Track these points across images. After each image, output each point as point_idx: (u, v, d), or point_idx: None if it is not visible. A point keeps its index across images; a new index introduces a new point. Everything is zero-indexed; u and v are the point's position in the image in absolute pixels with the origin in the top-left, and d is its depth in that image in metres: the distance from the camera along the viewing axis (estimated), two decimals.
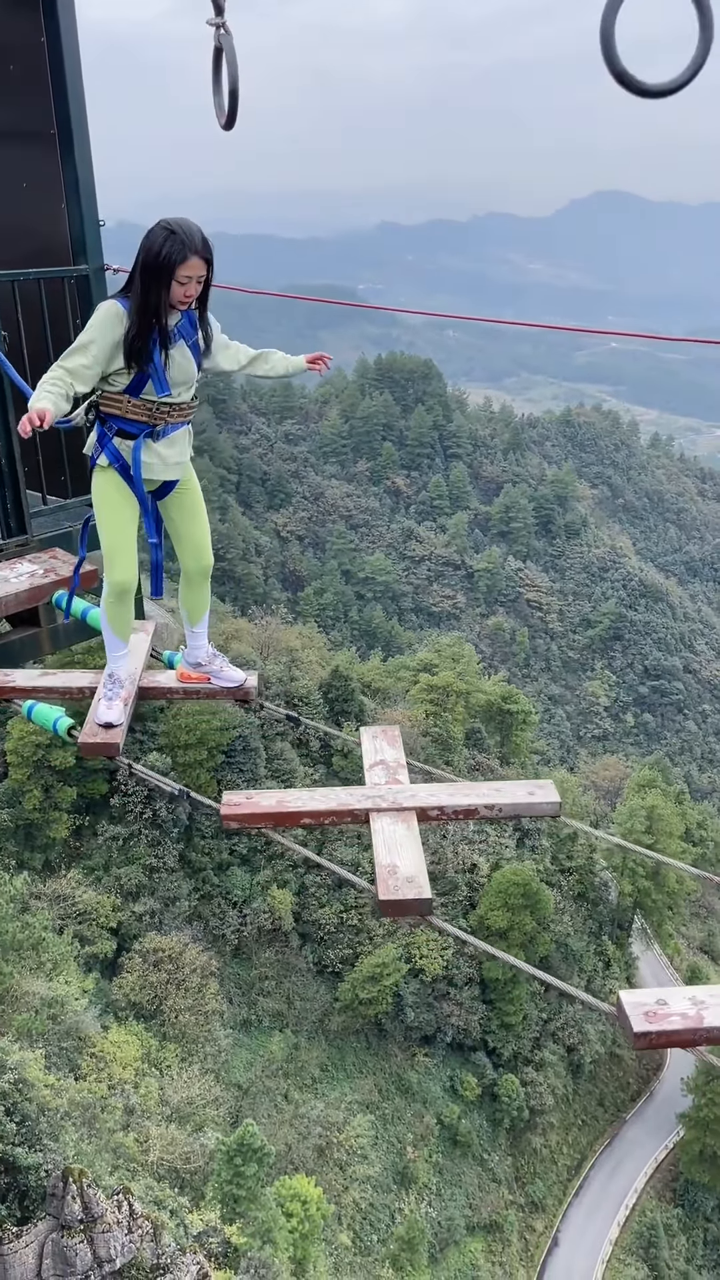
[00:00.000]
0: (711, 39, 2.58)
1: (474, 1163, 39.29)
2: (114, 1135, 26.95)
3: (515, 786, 3.82)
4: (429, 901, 3.28)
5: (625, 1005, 2.71)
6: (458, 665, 59.27)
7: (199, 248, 3.86)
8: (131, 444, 4.20)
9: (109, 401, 4.15)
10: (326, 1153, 34.78)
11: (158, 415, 4.16)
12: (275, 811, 3.71)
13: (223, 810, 3.72)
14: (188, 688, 4.75)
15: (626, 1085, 46.82)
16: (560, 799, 3.76)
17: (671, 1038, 2.62)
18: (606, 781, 68.20)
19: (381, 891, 3.28)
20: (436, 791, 3.82)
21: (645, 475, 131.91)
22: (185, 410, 4.28)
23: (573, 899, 47.47)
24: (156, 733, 38.67)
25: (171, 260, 3.82)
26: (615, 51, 2.58)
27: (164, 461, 4.29)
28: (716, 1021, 2.62)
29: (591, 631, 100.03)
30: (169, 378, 4.08)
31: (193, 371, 4.20)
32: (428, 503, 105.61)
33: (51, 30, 5.26)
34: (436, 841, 43.38)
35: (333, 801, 3.79)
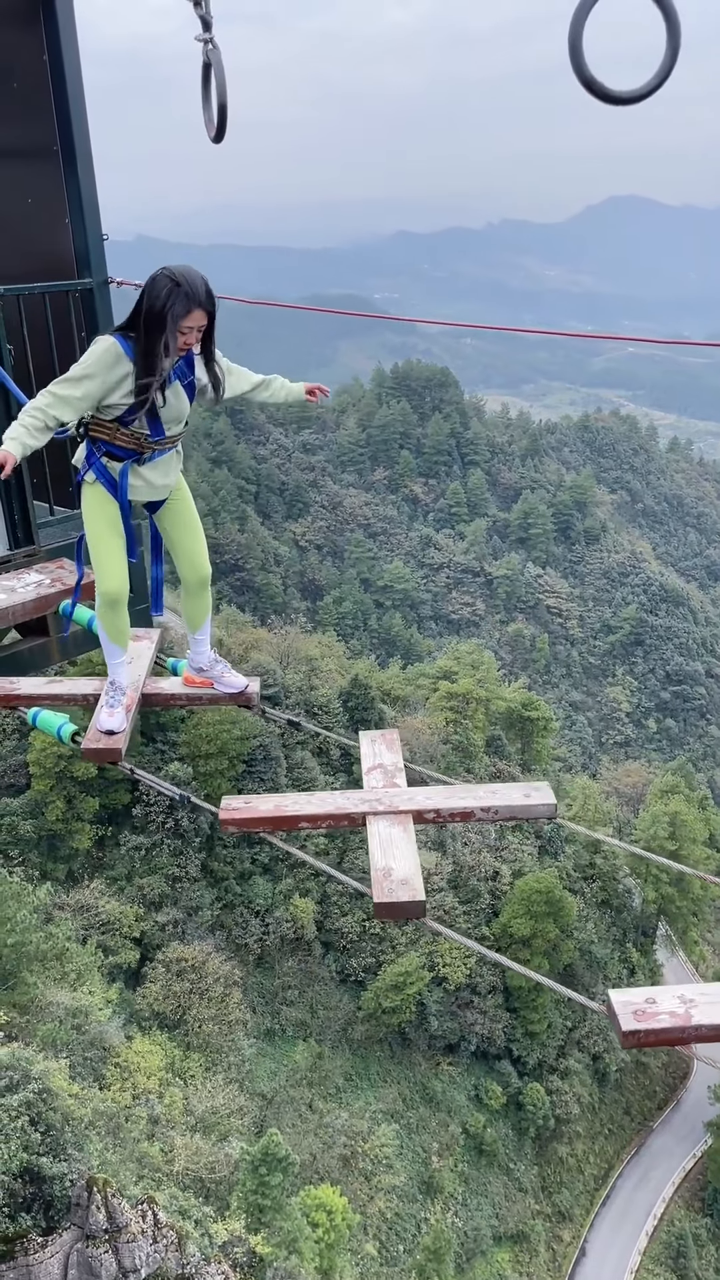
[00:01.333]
0: (678, 49, 2.64)
1: (500, 1172, 39.08)
2: (139, 1145, 26.99)
3: (511, 789, 3.83)
4: (423, 904, 3.30)
5: (614, 1004, 2.72)
6: (477, 672, 59.17)
7: (202, 300, 3.88)
8: (119, 466, 4.24)
9: (98, 427, 4.19)
10: (351, 1162, 34.69)
11: (145, 445, 4.20)
12: (273, 816, 3.74)
13: (221, 815, 3.75)
14: (191, 694, 4.79)
15: (653, 1093, 46.46)
16: (555, 801, 3.76)
17: (660, 1036, 2.62)
18: (629, 788, 67.80)
19: (376, 894, 3.31)
20: (433, 794, 3.83)
21: (664, 480, 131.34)
22: (174, 439, 4.33)
23: (596, 906, 47.24)
24: (177, 742, 38.82)
25: (174, 313, 3.84)
26: (583, 59, 2.64)
27: (150, 485, 4.35)
28: (705, 1020, 2.63)
29: (612, 637, 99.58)
30: (164, 421, 4.15)
31: (185, 410, 4.24)
32: (446, 510, 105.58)
33: (53, 48, 5.34)
34: (458, 849, 43.33)
35: (330, 805, 3.81)
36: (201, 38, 3.44)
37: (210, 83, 3.59)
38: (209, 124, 3.68)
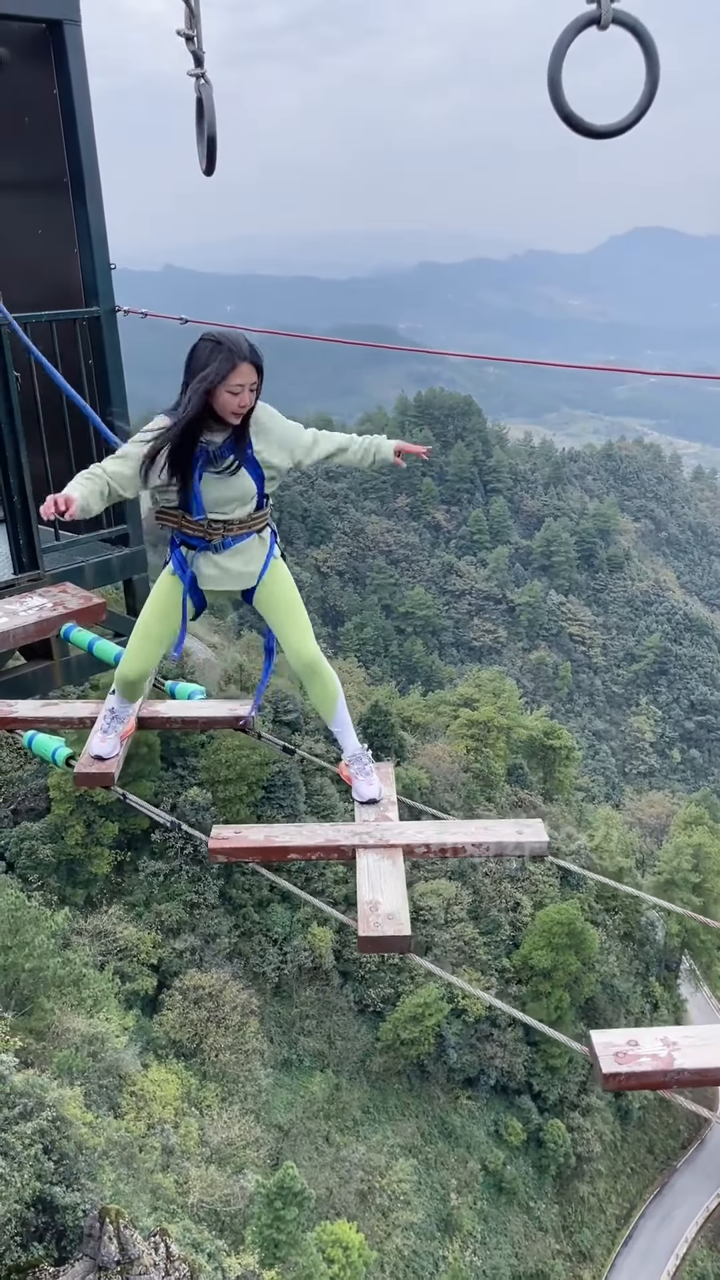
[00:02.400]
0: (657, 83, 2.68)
1: (520, 1210, 38.42)
2: (153, 1175, 26.73)
3: (503, 825, 3.77)
4: (409, 939, 3.24)
5: (596, 1045, 2.65)
6: (499, 700, 58.91)
7: (248, 354, 3.66)
8: (194, 554, 4.07)
9: (165, 516, 4.03)
10: (368, 1197, 34.21)
11: (212, 531, 3.97)
12: (263, 846, 3.70)
13: (211, 844, 3.72)
14: (186, 717, 4.77)
15: (677, 1132, 45.63)
16: (548, 839, 3.69)
17: (642, 1079, 2.55)
18: (652, 818, 67.16)
19: (362, 928, 3.25)
20: (424, 829, 3.78)
21: (689, 508, 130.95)
22: (247, 523, 4.02)
23: (619, 939, 46.67)
24: (197, 768, 38.84)
25: (220, 371, 3.61)
26: (563, 94, 2.69)
27: (226, 573, 4.08)
28: (688, 1064, 2.55)
29: (636, 666, 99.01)
30: (207, 497, 3.88)
31: (246, 489, 3.92)
32: (468, 537, 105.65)
33: (63, 83, 5.42)
34: (479, 880, 42.98)
35: (320, 837, 3.77)
36: (194, 73, 3.47)
37: (203, 117, 3.63)
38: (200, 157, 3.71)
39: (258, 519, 4.06)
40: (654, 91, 2.73)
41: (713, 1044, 2.66)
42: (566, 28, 2.67)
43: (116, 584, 6.34)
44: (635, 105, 2.75)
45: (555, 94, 2.71)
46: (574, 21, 2.66)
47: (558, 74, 2.69)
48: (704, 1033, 2.72)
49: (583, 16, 2.65)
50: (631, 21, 2.66)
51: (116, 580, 6.22)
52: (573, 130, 2.79)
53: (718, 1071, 2.58)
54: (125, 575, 6.20)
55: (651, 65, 2.71)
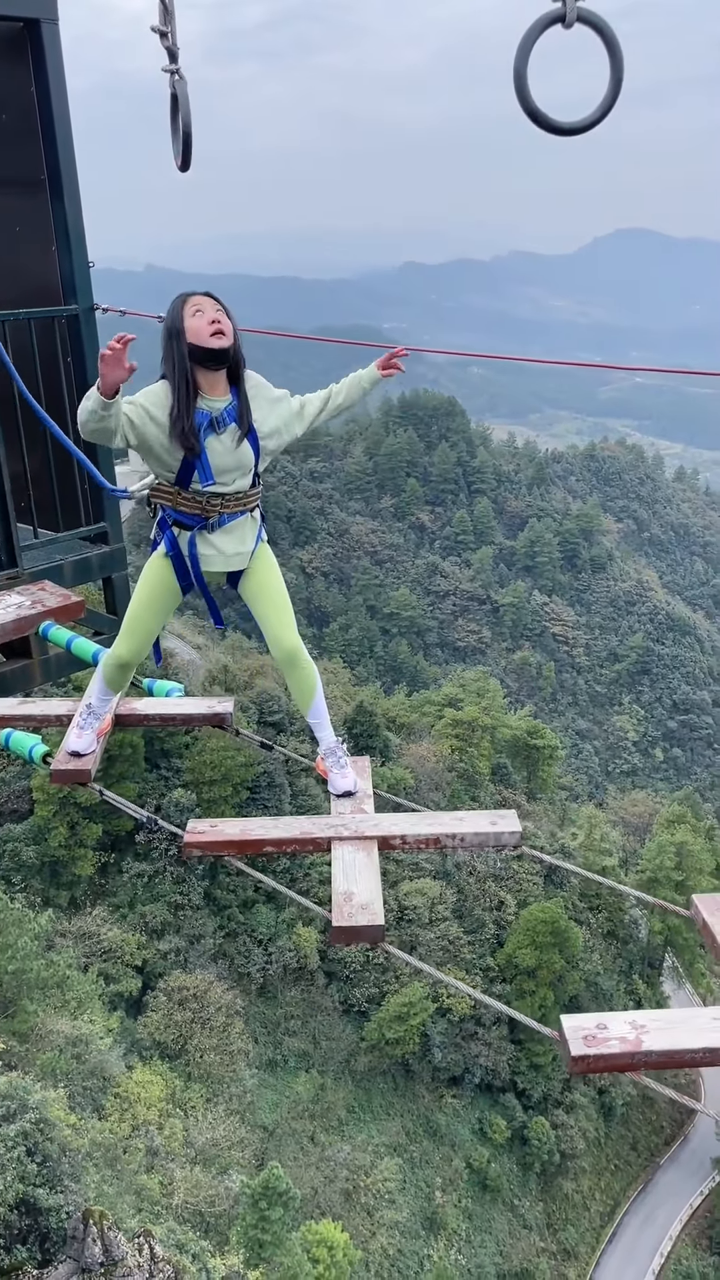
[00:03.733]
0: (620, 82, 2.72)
1: (504, 1208, 38.52)
2: (137, 1177, 26.67)
3: (477, 816, 3.81)
4: (381, 928, 3.27)
5: (565, 1029, 2.69)
6: (483, 700, 59.04)
7: (199, 290, 3.84)
8: (188, 535, 4.02)
9: (161, 495, 4.01)
10: (353, 1196, 34.22)
11: (209, 507, 3.94)
12: (238, 840, 3.72)
13: (186, 838, 3.74)
14: (164, 714, 4.78)
15: (660, 1129, 45.84)
16: (521, 829, 3.74)
17: (610, 1062, 2.59)
18: (635, 817, 67.35)
19: (336, 918, 3.28)
20: (399, 821, 3.81)
21: (671, 509, 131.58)
22: (242, 499, 4.03)
23: (602, 937, 46.84)
24: (181, 769, 38.77)
25: (176, 309, 3.76)
26: (528, 91, 2.73)
27: (221, 553, 4.07)
28: (655, 1045, 2.59)
29: (619, 665, 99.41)
30: (214, 464, 3.87)
31: (246, 459, 3.94)
32: (452, 538, 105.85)
33: (41, 81, 5.43)
34: (463, 879, 43.06)
35: (295, 830, 3.79)
36: (168, 69, 3.48)
37: (177, 113, 3.65)
38: (175, 154, 3.73)
39: (252, 496, 4.07)
40: (618, 89, 2.78)
41: (680, 1026, 2.70)
42: (531, 25, 2.70)
43: (95, 582, 6.35)
44: (600, 103, 2.80)
45: (521, 90, 2.75)
46: (539, 19, 2.70)
47: (523, 70, 2.73)
48: (671, 1016, 2.77)
49: (548, 14, 2.69)
50: (595, 19, 2.70)
51: (95, 578, 6.23)
52: (538, 127, 2.83)
53: (684, 1053, 2.62)
54: (104, 573, 6.21)
55: (615, 63, 2.75)
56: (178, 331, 3.75)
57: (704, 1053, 2.62)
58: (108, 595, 6.31)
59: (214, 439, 3.84)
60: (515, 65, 2.73)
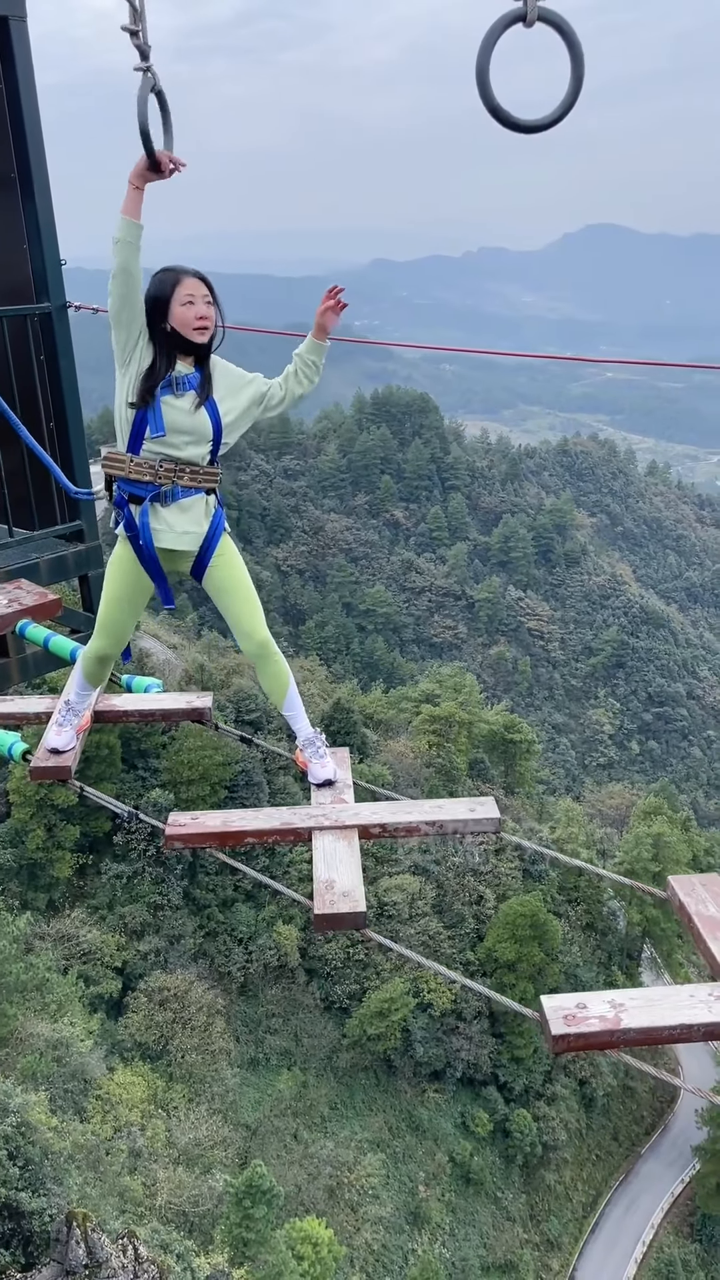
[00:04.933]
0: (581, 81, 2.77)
1: (487, 1201, 38.69)
2: (120, 1178, 26.62)
3: (455, 804, 3.85)
4: (363, 915, 3.30)
5: (546, 1009, 2.73)
6: (460, 695, 59.24)
7: (191, 272, 3.87)
8: (140, 508, 3.98)
9: (113, 463, 3.98)
10: (337, 1193, 34.29)
11: (161, 474, 3.92)
12: (220, 831, 3.74)
13: (167, 830, 3.75)
14: (143, 710, 4.79)
15: (640, 1118, 46.17)
16: (499, 815, 3.78)
17: (589, 1040, 2.63)
18: (612, 810, 67.87)
19: (318, 906, 3.31)
20: (379, 810, 3.85)
21: (643, 503, 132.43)
22: (197, 473, 4.00)
23: (581, 929, 47.12)
24: (159, 769, 38.65)
25: (165, 287, 3.80)
26: (490, 88, 2.77)
27: (171, 529, 4.00)
28: (634, 1023, 2.64)
29: (594, 659, 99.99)
30: (166, 420, 3.87)
31: (203, 426, 3.95)
32: (427, 534, 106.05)
33: (10, 78, 5.41)
34: (443, 874, 43.19)
35: (276, 820, 3.82)
36: (140, 67, 3.50)
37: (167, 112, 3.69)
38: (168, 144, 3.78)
39: (208, 475, 4.07)
40: (579, 87, 2.81)
41: (658, 1005, 2.75)
42: (493, 24, 2.74)
43: (72, 580, 6.33)
44: (561, 101, 2.84)
45: (484, 88, 2.78)
46: (500, 18, 2.73)
47: (486, 68, 2.76)
48: (650, 994, 2.82)
49: (509, 13, 2.72)
50: (556, 19, 2.74)
51: (71, 577, 6.21)
52: (501, 124, 2.87)
53: (662, 1030, 2.67)
54: (80, 572, 6.19)
55: (576, 62, 2.79)
56: (163, 311, 3.81)
57: (681, 1029, 2.67)
58: (84, 593, 6.30)
59: (171, 397, 3.89)
60: (477, 63, 2.77)
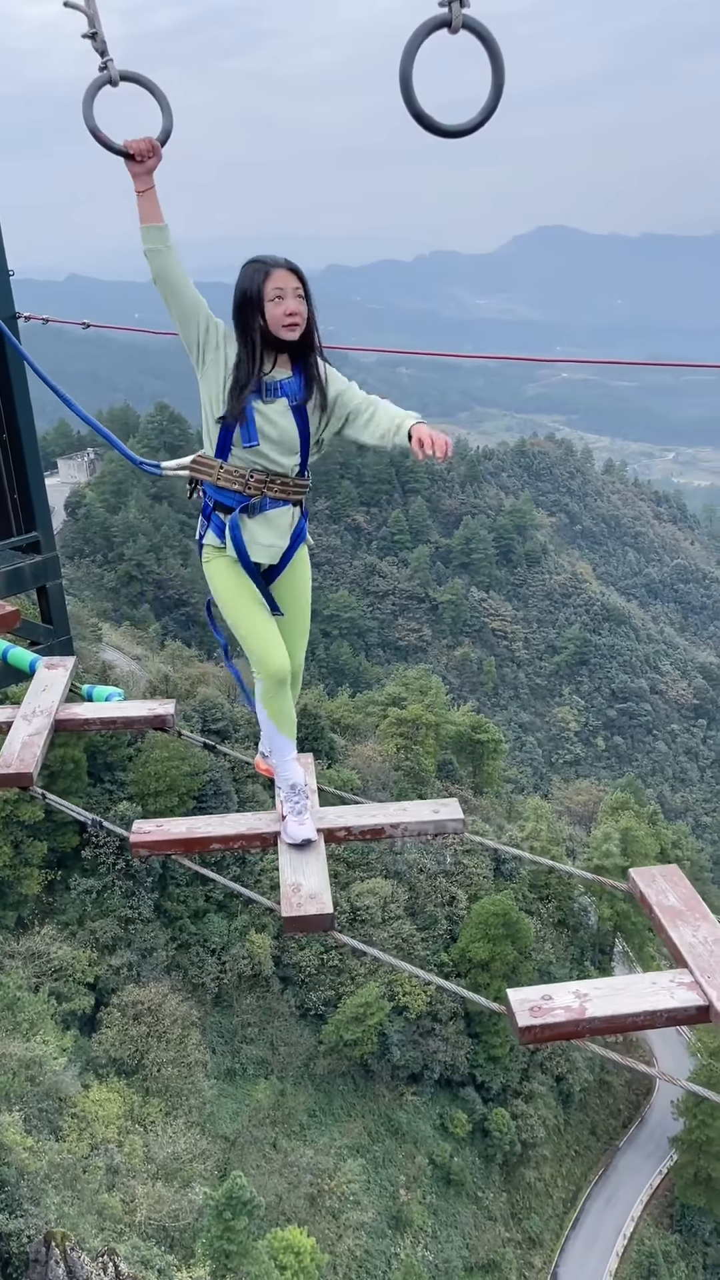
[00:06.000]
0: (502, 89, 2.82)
1: (468, 1201, 38.76)
2: (98, 1196, 26.38)
3: (420, 806, 3.88)
4: (330, 916, 3.32)
5: (512, 1002, 2.76)
6: (426, 697, 59.36)
7: (282, 262, 3.64)
8: (230, 518, 3.81)
9: (201, 467, 3.82)
10: (318, 1201, 34.18)
11: (252, 484, 3.74)
12: (185, 838, 3.74)
13: (132, 838, 3.74)
14: (105, 718, 4.76)
15: (618, 1112, 46.49)
16: (463, 816, 3.82)
17: (556, 1030, 2.67)
18: (580, 806, 68.38)
19: (285, 909, 3.33)
20: (344, 813, 3.87)
21: (601, 501, 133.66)
22: (287, 485, 3.81)
23: (553, 926, 47.38)
24: (125, 782, 38.37)
25: (255, 281, 3.59)
26: (414, 93, 2.82)
27: (256, 541, 3.83)
28: (599, 1012, 2.68)
29: (558, 658, 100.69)
30: (259, 429, 3.68)
31: (293, 435, 3.74)
32: (388, 538, 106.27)
33: None
34: (414, 876, 43.25)
35: (242, 826, 3.83)
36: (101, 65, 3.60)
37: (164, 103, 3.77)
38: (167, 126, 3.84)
39: (298, 487, 3.87)
40: (499, 94, 2.86)
41: (623, 993, 2.79)
42: (417, 29, 2.79)
43: (29, 592, 6.29)
44: (481, 108, 2.88)
45: (406, 92, 2.83)
46: (424, 24, 2.78)
47: (409, 73, 2.81)
48: (614, 983, 2.86)
49: (434, 19, 2.77)
50: (478, 27, 2.78)
51: (29, 588, 6.17)
52: (424, 129, 2.92)
53: (626, 1018, 2.72)
54: (38, 583, 6.15)
55: (497, 70, 2.84)
56: (254, 308, 3.60)
57: (645, 1016, 2.71)
58: (42, 605, 6.26)
59: (260, 403, 3.68)
60: (401, 68, 2.81)
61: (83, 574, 77.76)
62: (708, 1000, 2.74)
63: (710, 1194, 41.71)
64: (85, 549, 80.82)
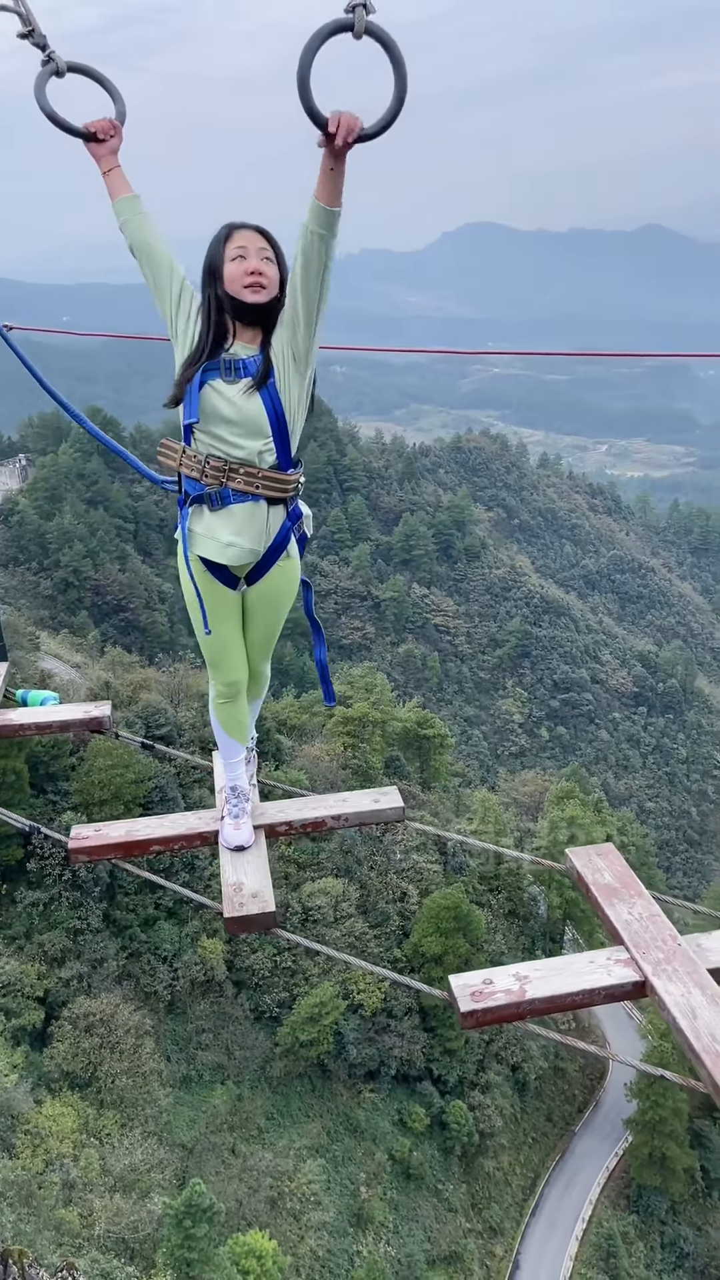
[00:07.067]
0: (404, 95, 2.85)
1: (429, 1194, 38.94)
2: (55, 1211, 26.04)
3: (360, 796, 3.89)
4: (273, 915, 3.32)
5: (454, 988, 2.79)
6: (371, 695, 59.46)
7: (246, 223, 3.39)
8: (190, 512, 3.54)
9: (166, 451, 3.57)
10: (279, 1203, 34.09)
11: (208, 472, 3.45)
12: (124, 841, 3.71)
13: (71, 844, 3.70)
14: (39, 723, 4.70)
15: (573, 1097, 47.05)
16: (403, 804, 3.84)
17: (497, 1014, 2.70)
18: (527, 797, 69.02)
19: (227, 909, 3.31)
20: (285, 807, 3.86)
21: (537, 494, 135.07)
22: (253, 476, 3.48)
23: (504, 917, 47.77)
24: (69, 792, 37.85)
25: (217, 244, 3.35)
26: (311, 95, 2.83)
27: (214, 537, 3.53)
28: (538, 993, 2.72)
29: (500, 651, 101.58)
30: (207, 406, 3.40)
31: (256, 418, 3.45)
32: (329, 537, 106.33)
33: None
34: (365, 874, 43.32)
35: (181, 826, 3.80)
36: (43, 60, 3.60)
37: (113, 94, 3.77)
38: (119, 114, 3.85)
39: (267, 480, 3.52)
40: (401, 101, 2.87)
41: (562, 973, 2.83)
42: (317, 31, 2.80)
43: None
44: (385, 112, 2.90)
45: (304, 94, 2.84)
46: (325, 26, 2.78)
47: (306, 75, 2.82)
48: (553, 964, 2.90)
49: (334, 23, 2.77)
50: (380, 33, 2.79)
51: None
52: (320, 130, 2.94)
53: (566, 998, 2.75)
54: None
55: (399, 77, 2.85)
56: (214, 273, 3.37)
57: (583, 994, 2.75)
58: None
59: (219, 382, 3.41)
60: (299, 70, 2.82)
61: (18, 582, 76.56)
62: (643, 976, 2.79)
63: (665, 1173, 42.46)
64: (20, 556, 79.56)
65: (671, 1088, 40.98)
